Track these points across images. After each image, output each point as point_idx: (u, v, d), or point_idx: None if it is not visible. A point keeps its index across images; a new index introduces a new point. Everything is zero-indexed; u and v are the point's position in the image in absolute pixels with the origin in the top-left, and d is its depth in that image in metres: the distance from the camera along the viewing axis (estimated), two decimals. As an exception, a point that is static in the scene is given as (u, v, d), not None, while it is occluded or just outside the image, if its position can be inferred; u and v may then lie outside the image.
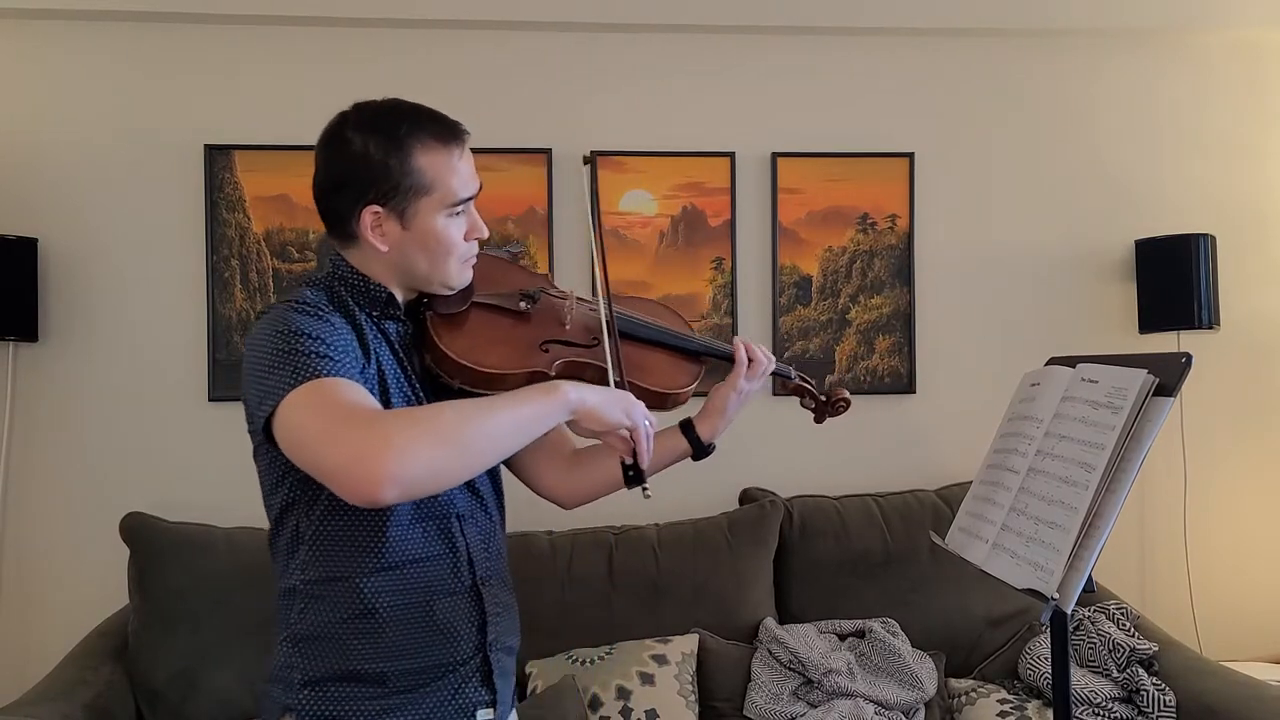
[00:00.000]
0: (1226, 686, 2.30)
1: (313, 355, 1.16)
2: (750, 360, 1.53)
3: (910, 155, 3.01)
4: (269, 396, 1.16)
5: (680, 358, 1.55)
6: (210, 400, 2.80)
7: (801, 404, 1.73)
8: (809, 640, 2.51)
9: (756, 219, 2.98)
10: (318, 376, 1.14)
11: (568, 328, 1.45)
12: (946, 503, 2.77)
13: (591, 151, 1.46)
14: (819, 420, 1.72)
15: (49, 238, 2.76)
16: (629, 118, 2.94)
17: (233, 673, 2.39)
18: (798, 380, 1.68)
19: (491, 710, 1.35)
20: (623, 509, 2.01)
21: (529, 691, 2.39)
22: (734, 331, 2.94)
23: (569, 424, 1.24)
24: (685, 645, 2.48)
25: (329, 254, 1.36)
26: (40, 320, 2.74)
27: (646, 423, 1.29)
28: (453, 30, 2.88)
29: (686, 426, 1.54)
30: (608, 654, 2.44)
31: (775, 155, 2.97)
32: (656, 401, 1.47)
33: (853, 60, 3.01)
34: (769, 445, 2.94)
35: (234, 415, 2.82)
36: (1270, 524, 3.13)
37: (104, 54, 2.80)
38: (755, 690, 2.44)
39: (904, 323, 3.01)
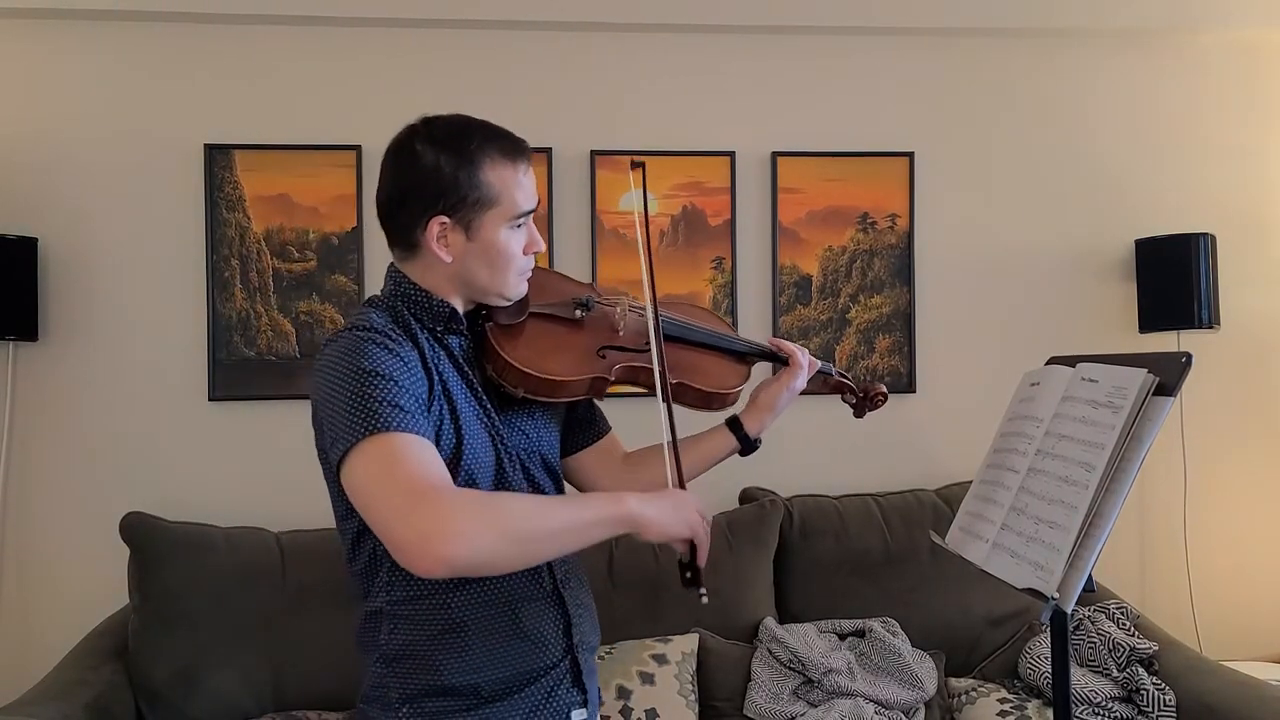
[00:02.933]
0: (1226, 686, 2.30)
1: (385, 404, 1.18)
2: (806, 358, 1.61)
3: (910, 155, 3.01)
4: (339, 440, 1.19)
5: (729, 359, 1.60)
6: (210, 400, 2.80)
7: (843, 399, 1.78)
8: (809, 640, 2.51)
9: (756, 218, 2.98)
10: (388, 430, 1.17)
11: (621, 333, 1.49)
12: (946, 502, 2.77)
13: (640, 161, 1.50)
14: (859, 415, 1.80)
15: (49, 238, 2.76)
16: (629, 118, 2.94)
17: (233, 673, 2.39)
18: (838, 377, 1.74)
19: (584, 710, 1.38)
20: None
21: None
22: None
23: (608, 453, 1.37)
24: (685, 645, 2.48)
25: (390, 273, 1.38)
26: (40, 320, 2.74)
27: (704, 525, 1.31)
28: (453, 30, 2.88)
29: (734, 424, 1.58)
30: (608, 653, 2.44)
31: (775, 155, 2.97)
32: (706, 401, 1.53)
33: (853, 60, 3.01)
34: (769, 445, 2.89)
35: (234, 415, 2.86)
36: (1270, 524, 3.13)
37: (104, 54, 2.80)
38: (755, 690, 2.44)
39: (904, 322, 3.02)
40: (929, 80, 3.04)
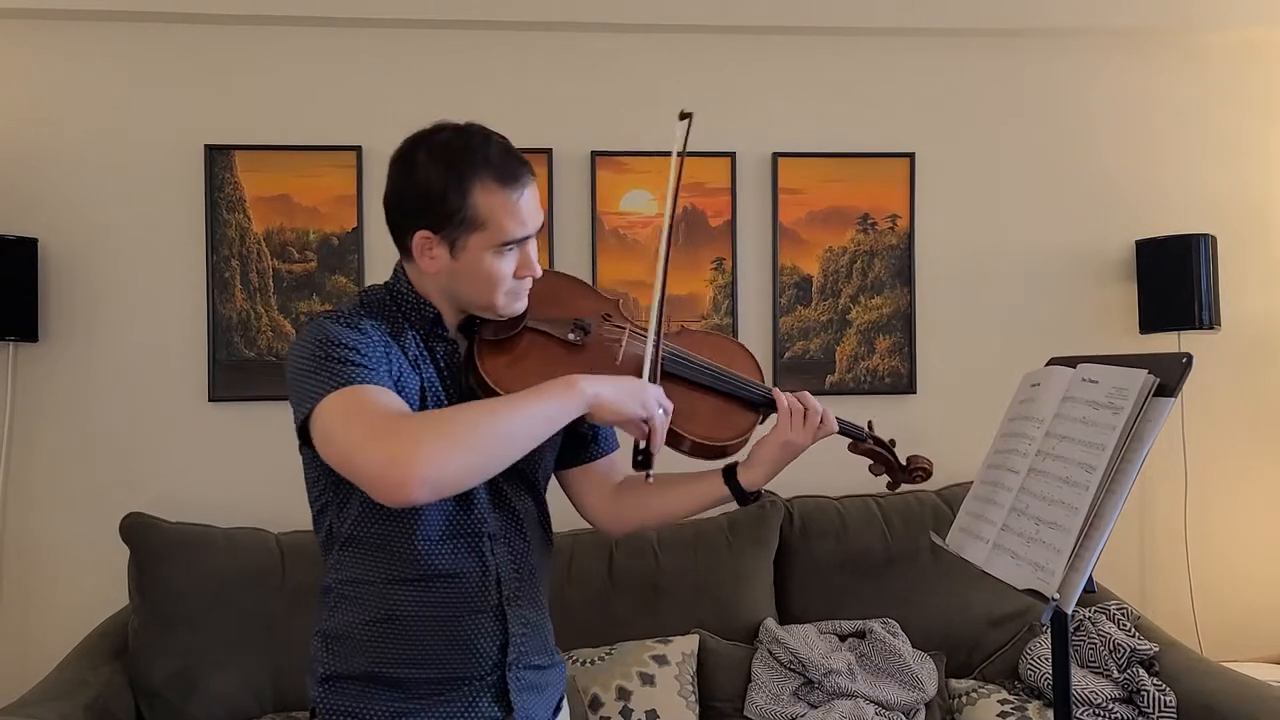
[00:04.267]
0: (1227, 687, 2.30)
1: (346, 363, 1.21)
2: (799, 411, 1.43)
3: (910, 155, 3.01)
4: (305, 401, 1.22)
5: (735, 405, 1.45)
6: (210, 400, 2.80)
7: (871, 469, 1.55)
8: (809, 640, 2.51)
9: (757, 219, 2.98)
10: (351, 383, 1.20)
11: (618, 363, 1.39)
12: (947, 503, 2.77)
13: (689, 111, 1.41)
14: (892, 487, 1.57)
15: (49, 238, 2.76)
16: (629, 118, 2.93)
17: (233, 673, 2.39)
18: (870, 444, 1.53)
19: None
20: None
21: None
22: (734, 332, 2.95)
23: (587, 415, 1.25)
24: (686, 645, 2.48)
25: (396, 267, 1.40)
26: (40, 320, 2.74)
27: (660, 411, 1.31)
28: (453, 31, 2.88)
29: (729, 473, 1.46)
30: (608, 654, 2.44)
31: (776, 155, 2.97)
32: (701, 452, 1.41)
33: (853, 60, 3.01)
34: (769, 445, 2.93)
35: (234, 415, 2.86)
36: (1271, 524, 3.12)
37: (104, 54, 2.80)
38: (755, 690, 2.44)
39: (904, 323, 3.01)
40: (929, 81, 3.04)
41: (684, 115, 1.42)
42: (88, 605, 2.63)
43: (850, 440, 1.53)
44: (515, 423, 1.19)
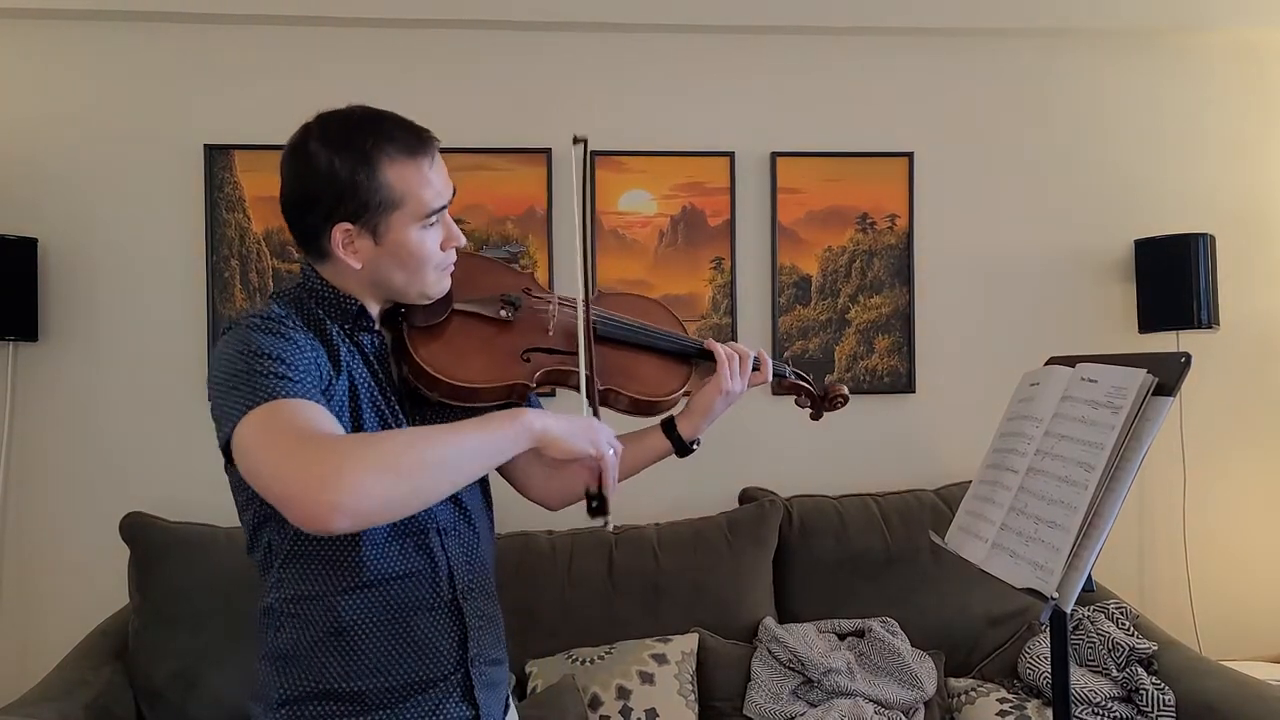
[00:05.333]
0: (1226, 686, 2.30)
1: (271, 376, 1.13)
2: (734, 359, 1.49)
3: (910, 155, 3.01)
4: (226, 419, 1.13)
5: (669, 360, 1.50)
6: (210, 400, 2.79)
7: (796, 402, 1.69)
8: (809, 640, 2.51)
9: (756, 219, 2.98)
10: (275, 398, 1.11)
11: (550, 334, 1.40)
12: (946, 502, 2.77)
13: (582, 136, 1.37)
14: (815, 417, 1.69)
15: (49, 238, 2.76)
16: (629, 118, 2.94)
17: (233, 673, 2.39)
18: (792, 378, 1.64)
19: None
20: (622, 509, 2.00)
21: (529, 691, 2.39)
22: (734, 331, 2.95)
23: (535, 451, 1.17)
24: (685, 645, 2.49)
25: (303, 267, 1.32)
26: (40, 320, 2.74)
27: (611, 451, 1.24)
28: (453, 30, 2.88)
29: (669, 425, 1.51)
30: (608, 653, 2.45)
31: (775, 155, 2.97)
32: (640, 408, 1.44)
33: (853, 60, 3.01)
34: (769, 445, 2.94)
35: (234, 415, 2.84)
36: (1270, 524, 3.13)
37: (104, 54, 2.80)
38: (755, 689, 2.44)
39: (904, 322, 3.02)
40: (929, 80, 3.04)
41: (578, 140, 1.37)
42: (88, 605, 2.63)
43: (776, 379, 1.61)
44: (450, 452, 1.09)
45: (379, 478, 1.03)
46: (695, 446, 1.52)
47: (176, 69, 2.82)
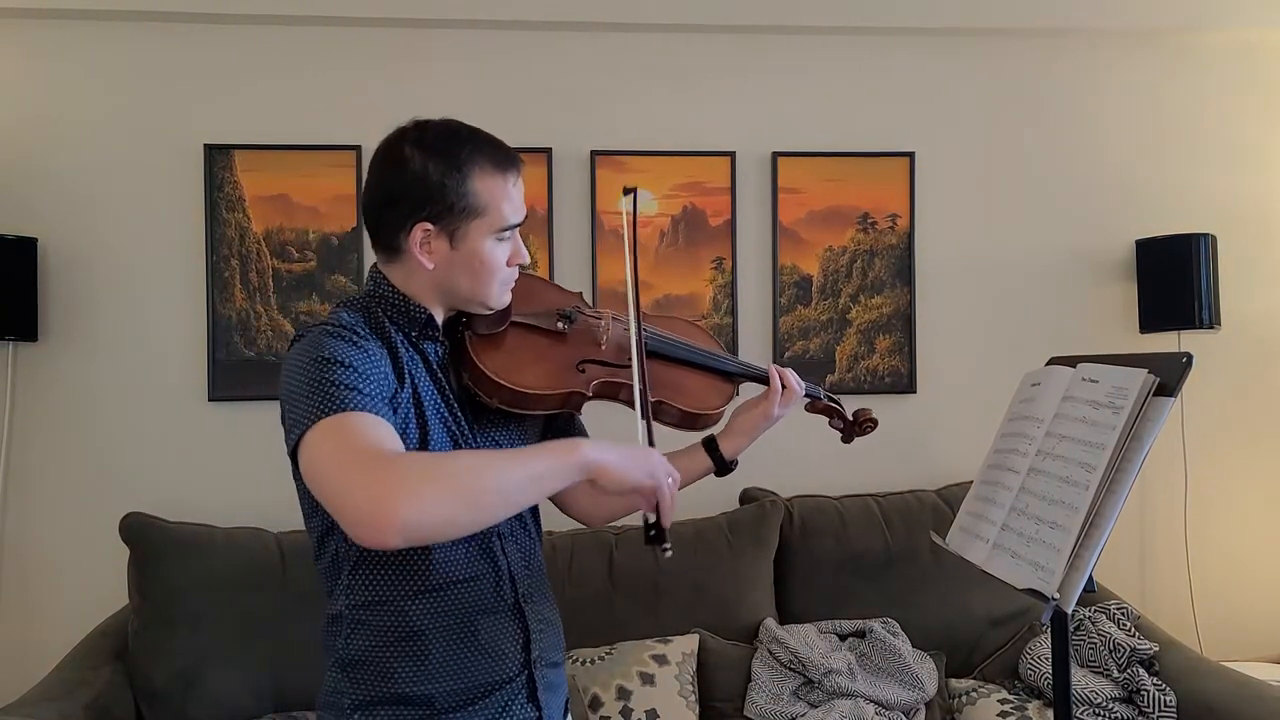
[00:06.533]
0: (1227, 686, 2.30)
1: (342, 386, 1.16)
2: (784, 387, 1.56)
3: (910, 155, 3.01)
4: (296, 426, 1.17)
5: (714, 378, 1.57)
6: (210, 400, 2.80)
7: (830, 424, 1.74)
8: (809, 640, 2.51)
9: (757, 219, 2.98)
10: (344, 410, 1.14)
11: (603, 347, 1.47)
12: (947, 503, 2.76)
13: (632, 187, 1.46)
14: (847, 440, 1.75)
15: (49, 238, 2.76)
16: (629, 118, 2.94)
17: (233, 673, 2.39)
18: (826, 400, 1.70)
19: None
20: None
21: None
22: (734, 331, 2.95)
23: (590, 483, 1.19)
24: (685, 645, 2.48)
25: (372, 274, 1.37)
26: (40, 320, 2.74)
27: (669, 480, 1.26)
28: (453, 30, 2.88)
29: (710, 445, 1.56)
30: (608, 654, 2.44)
31: (775, 155, 2.97)
32: (688, 422, 1.50)
33: (853, 60, 3.01)
34: (769, 445, 2.90)
35: (234, 415, 2.86)
36: (1271, 524, 3.12)
37: (104, 54, 2.80)
38: (755, 690, 2.44)
39: (904, 322, 3.01)
40: (929, 80, 3.04)
41: (628, 191, 1.45)
42: (88, 605, 2.63)
43: (809, 400, 1.68)
44: (507, 478, 1.12)
45: (439, 499, 1.07)
46: (734, 466, 1.57)
47: (176, 69, 2.82)
